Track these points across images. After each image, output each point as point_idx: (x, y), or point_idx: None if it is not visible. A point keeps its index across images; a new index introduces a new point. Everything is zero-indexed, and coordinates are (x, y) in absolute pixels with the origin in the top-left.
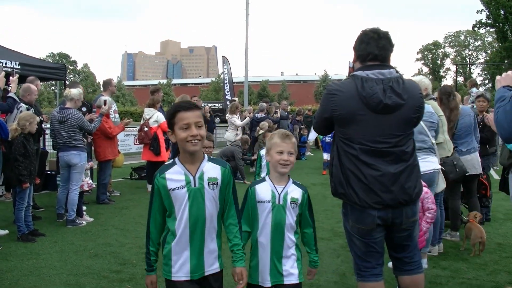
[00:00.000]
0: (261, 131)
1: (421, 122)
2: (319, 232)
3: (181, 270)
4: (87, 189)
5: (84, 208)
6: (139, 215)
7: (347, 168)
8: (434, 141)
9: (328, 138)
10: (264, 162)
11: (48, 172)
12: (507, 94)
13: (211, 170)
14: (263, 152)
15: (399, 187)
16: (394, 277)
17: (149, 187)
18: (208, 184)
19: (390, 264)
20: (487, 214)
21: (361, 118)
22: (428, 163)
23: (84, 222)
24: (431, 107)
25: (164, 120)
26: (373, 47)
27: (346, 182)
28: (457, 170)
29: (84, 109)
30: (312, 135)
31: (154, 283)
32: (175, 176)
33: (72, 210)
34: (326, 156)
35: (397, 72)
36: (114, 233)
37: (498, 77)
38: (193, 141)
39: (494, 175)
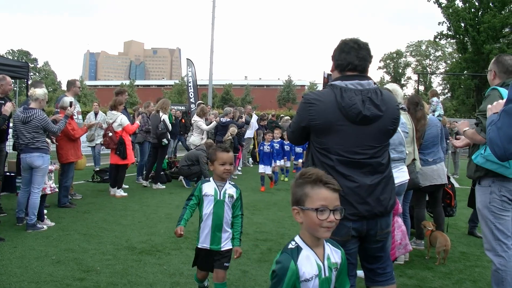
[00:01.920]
0: (230, 136)
1: (402, 133)
2: (285, 239)
3: None
4: (50, 192)
5: (45, 211)
6: (102, 219)
7: None
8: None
9: (266, 147)
10: None
11: (7, 174)
12: (496, 117)
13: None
14: None
15: (374, 198)
16: (363, 286)
17: (112, 190)
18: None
19: (359, 272)
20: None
21: (339, 128)
22: (405, 173)
23: (45, 226)
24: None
25: (128, 122)
26: (353, 57)
27: None
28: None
29: None
30: (249, 133)
31: None
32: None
33: (33, 214)
34: (265, 169)
35: (374, 83)
36: (76, 239)
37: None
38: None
39: (456, 184)
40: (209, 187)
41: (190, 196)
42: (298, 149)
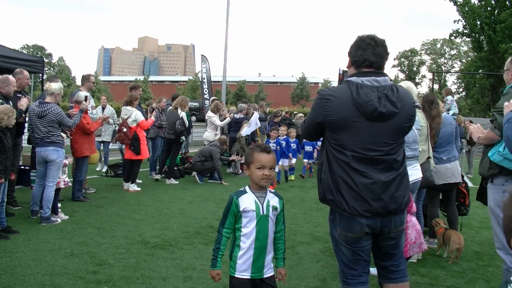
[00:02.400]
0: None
1: (415, 131)
2: (298, 236)
3: None
4: (63, 186)
5: (59, 205)
6: (115, 213)
7: (338, 174)
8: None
9: (272, 145)
10: None
11: (22, 167)
12: None
13: None
14: None
15: (389, 195)
16: (375, 283)
17: (125, 185)
18: None
19: (372, 269)
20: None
21: (354, 125)
22: (418, 171)
23: (59, 219)
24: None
25: (143, 118)
26: (370, 54)
27: (336, 189)
28: (421, 180)
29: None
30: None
31: None
32: None
33: (47, 207)
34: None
35: (390, 80)
36: (90, 232)
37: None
38: None
39: (470, 183)
40: (248, 201)
41: (224, 217)
42: (308, 148)
